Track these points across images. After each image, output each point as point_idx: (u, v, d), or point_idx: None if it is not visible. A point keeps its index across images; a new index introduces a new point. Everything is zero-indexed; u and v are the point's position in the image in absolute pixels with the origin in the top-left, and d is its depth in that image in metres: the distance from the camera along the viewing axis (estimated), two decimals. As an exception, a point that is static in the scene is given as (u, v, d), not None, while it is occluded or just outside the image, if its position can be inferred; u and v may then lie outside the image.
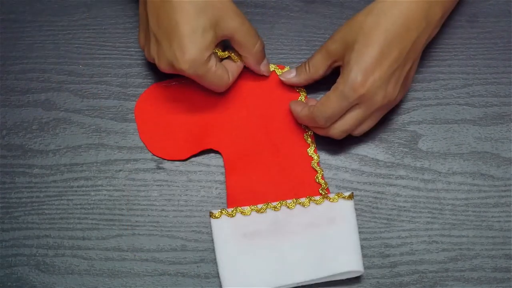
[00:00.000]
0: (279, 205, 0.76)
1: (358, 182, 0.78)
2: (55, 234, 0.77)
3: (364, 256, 0.76)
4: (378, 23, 0.72)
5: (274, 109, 0.79)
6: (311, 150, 0.78)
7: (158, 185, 0.78)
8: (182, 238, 0.77)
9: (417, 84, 0.80)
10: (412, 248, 0.76)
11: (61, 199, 0.78)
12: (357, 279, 0.76)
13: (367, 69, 0.71)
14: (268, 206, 0.76)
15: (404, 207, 0.77)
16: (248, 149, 0.78)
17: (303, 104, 0.77)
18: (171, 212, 0.78)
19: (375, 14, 0.72)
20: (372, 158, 0.79)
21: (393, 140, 0.79)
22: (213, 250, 0.77)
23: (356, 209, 0.77)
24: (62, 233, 0.77)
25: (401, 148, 0.79)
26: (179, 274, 0.76)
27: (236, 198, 0.77)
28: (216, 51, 0.75)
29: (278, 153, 0.78)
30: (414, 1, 0.72)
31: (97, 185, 0.78)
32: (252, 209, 0.76)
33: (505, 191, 0.78)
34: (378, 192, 0.78)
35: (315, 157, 0.78)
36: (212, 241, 0.77)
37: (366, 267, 0.76)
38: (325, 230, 0.75)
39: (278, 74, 0.80)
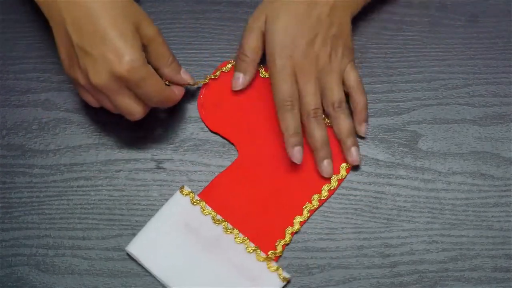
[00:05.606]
0: (232, 231, 0.75)
1: (358, 182, 0.78)
2: (55, 234, 0.77)
3: (364, 256, 0.76)
4: None
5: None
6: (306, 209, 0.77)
7: (158, 185, 0.78)
8: (182, 238, 0.77)
9: (417, 84, 0.80)
10: (412, 248, 0.76)
11: (61, 199, 0.78)
12: (357, 279, 0.76)
13: (292, 35, 0.74)
14: (224, 224, 0.75)
15: (404, 207, 0.77)
16: (258, 171, 0.77)
17: None
18: (171, 212, 0.78)
19: None
20: (372, 158, 0.79)
21: (393, 140, 0.79)
22: (213, 250, 0.77)
23: (356, 209, 0.77)
24: (62, 233, 0.77)
25: (401, 148, 0.79)
26: (179, 274, 0.76)
27: (211, 196, 0.76)
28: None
29: (278, 194, 0.77)
30: None
31: (97, 185, 0.78)
32: (211, 213, 0.76)
33: (505, 191, 0.78)
34: (378, 192, 0.78)
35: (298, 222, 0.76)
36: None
37: (366, 267, 0.76)
38: (242, 282, 0.74)
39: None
